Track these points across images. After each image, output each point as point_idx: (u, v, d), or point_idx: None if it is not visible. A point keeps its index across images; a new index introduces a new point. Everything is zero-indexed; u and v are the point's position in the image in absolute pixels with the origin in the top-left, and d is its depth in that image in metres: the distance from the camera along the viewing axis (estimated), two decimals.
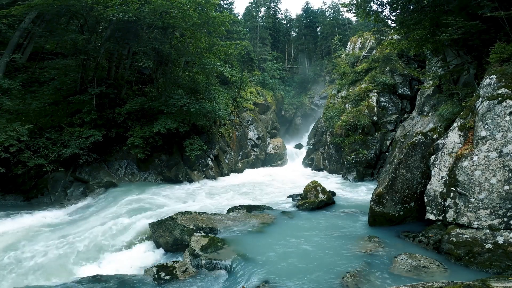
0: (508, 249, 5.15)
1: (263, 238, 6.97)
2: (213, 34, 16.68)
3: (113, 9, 12.96)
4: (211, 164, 16.87)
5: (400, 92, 18.20)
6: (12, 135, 10.17)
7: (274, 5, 48.43)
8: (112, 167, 14.04)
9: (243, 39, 29.84)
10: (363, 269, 5.25)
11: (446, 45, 10.01)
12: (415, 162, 7.58)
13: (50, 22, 13.21)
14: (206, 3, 14.96)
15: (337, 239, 6.83)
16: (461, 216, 5.96)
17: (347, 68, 22.40)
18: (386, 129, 17.16)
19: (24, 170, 11.02)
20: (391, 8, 11.47)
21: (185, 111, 14.33)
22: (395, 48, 14.51)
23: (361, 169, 16.31)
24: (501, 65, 6.81)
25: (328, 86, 33.15)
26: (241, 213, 8.85)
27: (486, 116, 6.16)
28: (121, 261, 6.72)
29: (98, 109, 13.57)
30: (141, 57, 16.09)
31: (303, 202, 9.94)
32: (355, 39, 26.75)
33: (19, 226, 8.67)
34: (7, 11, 11.40)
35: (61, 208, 10.81)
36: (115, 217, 8.95)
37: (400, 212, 7.40)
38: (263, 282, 4.93)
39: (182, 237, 7.07)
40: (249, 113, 24.61)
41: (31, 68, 14.40)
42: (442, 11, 9.14)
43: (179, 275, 5.60)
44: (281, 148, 24.88)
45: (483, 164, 5.88)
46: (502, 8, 7.41)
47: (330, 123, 19.43)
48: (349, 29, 41.11)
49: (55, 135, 12.25)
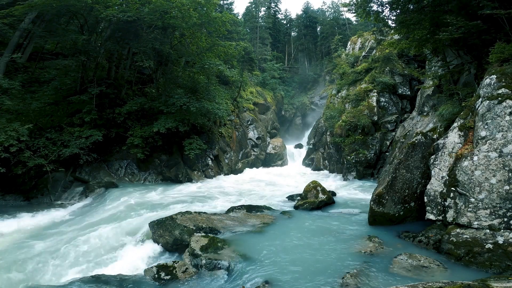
0: (508, 249, 5.15)
1: (263, 238, 6.96)
2: (213, 34, 16.69)
3: (113, 9, 12.96)
4: (211, 164, 16.87)
5: (400, 92, 18.20)
6: (12, 135, 10.16)
7: (274, 5, 48.47)
8: (112, 167, 14.04)
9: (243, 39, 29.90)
10: (363, 269, 5.24)
11: (446, 45, 10.01)
12: (415, 162, 7.57)
13: (50, 22, 13.21)
14: (206, 3, 14.97)
15: (337, 239, 6.82)
16: (461, 216, 5.96)
17: (347, 68, 22.39)
18: (386, 129, 17.16)
19: (24, 170, 11.01)
20: (391, 8, 11.47)
21: (185, 111, 14.33)
22: (395, 48, 14.51)
23: (361, 169, 16.30)
24: (501, 65, 6.80)
25: (328, 86, 33.13)
26: (241, 213, 8.84)
27: (486, 116, 6.15)
28: (121, 261, 6.71)
29: (98, 109, 13.57)
30: (141, 57, 16.10)
31: (303, 202, 9.94)
32: (355, 39, 26.74)
33: (19, 226, 8.67)
34: (7, 11, 11.40)
35: (61, 208, 10.81)
36: (115, 217, 8.95)
37: (400, 212, 7.39)
38: (263, 282, 4.93)
39: (182, 237, 7.07)
40: (249, 113, 24.62)
41: (31, 68, 14.40)
42: (442, 11, 9.13)
43: (179, 275, 5.59)
44: (281, 148, 24.88)
45: (483, 164, 5.87)
46: (502, 8, 7.40)
47: (330, 123, 19.43)
48: (349, 29, 41.11)
49: (55, 135, 12.25)
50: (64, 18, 14.42)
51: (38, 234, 8.05)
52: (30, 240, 7.57)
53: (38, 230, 8.35)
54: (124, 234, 7.70)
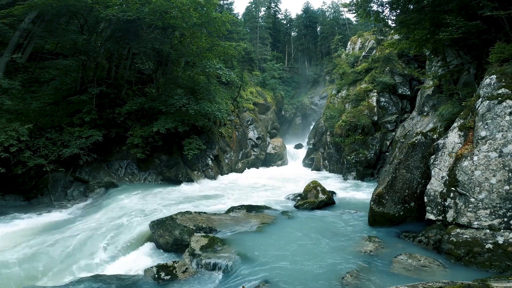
0: (508, 249, 5.15)
1: (263, 238, 6.97)
2: (213, 34, 16.68)
3: (113, 9, 12.94)
4: (211, 164, 16.87)
5: (400, 92, 18.20)
6: (12, 135, 10.15)
7: (274, 5, 48.44)
8: (112, 167, 14.03)
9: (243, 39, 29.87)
10: (363, 269, 5.25)
11: (446, 45, 10.02)
12: (415, 162, 7.57)
13: (50, 22, 13.20)
14: (206, 3, 14.95)
15: (337, 239, 6.82)
16: (461, 216, 5.96)
17: (347, 68, 22.39)
18: (386, 129, 17.16)
19: (24, 170, 11.01)
20: (391, 8, 11.48)
21: (184, 112, 14.35)
22: (395, 48, 14.51)
23: (361, 169, 16.30)
24: (501, 65, 6.81)
25: (328, 86, 33.15)
26: (241, 213, 8.84)
27: (486, 116, 6.15)
28: (121, 261, 6.72)
29: (98, 109, 13.56)
30: (141, 57, 16.09)
31: (303, 202, 9.94)
32: (355, 39, 26.74)
33: (19, 226, 8.67)
34: (7, 11, 11.40)
35: (61, 208, 10.81)
36: (115, 217, 8.95)
37: (400, 212, 7.40)
38: (263, 282, 4.93)
39: (182, 237, 7.07)
40: (249, 113, 24.61)
41: (31, 68, 14.40)
42: (442, 11, 9.14)
43: (179, 275, 5.60)
44: (281, 148, 24.88)
45: (483, 164, 5.87)
46: (502, 8, 7.40)
47: (330, 123, 19.43)
48: (349, 29, 41.11)
49: (55, 135, 12.25)
50: (64, 18, 14.41)
51: (38, 234, 8.04)
52: (30, 240, 7.56)
53: (38, 230, 8.34)
54: (124, 234, 7.69)
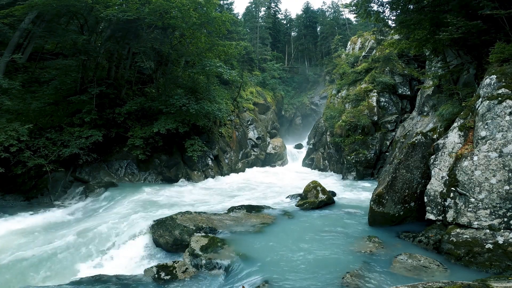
0: (508, 249, 5.15)
1: (263, 238, 6.97)
2: (213, 34, 16.69)
3: (113, 9, 12.95)
4: (211, 164, 16.87)
5: (400, 92, 18.20)
6: (12, 135, 10.16)
7: (274, 5, 48.47)
8: (112, 167, 14.03)
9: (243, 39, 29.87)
10: (363, 269, 5.24)
11: (446, 45, 10.01)
12: (415, 162, 7.57)
13: (50, 22, 13.20)
14: (206, 3, 14.97)
15: (337, 239, 6.82)
16: (461, 216, 5.96)
17: (347, 68, 22.39)
18: (386, 129, 17.16)
19: (24, 170, 11.00)
20: (391, 8, 11.48)
21: (185, 112, 14.35)
22: (395, 48, 14.50)
23: (361, 169, 16.31)
24: (501, 65, 6.80)
25: (328, 86, 33.13)
26: (241, 213, 8.84)
27: (486, 116, 6.15)
28: (121, 261, 6.72)
29: (98, 109, 13.56)
30: (141, 57, 16.10)
31: (303, 202, 9.94)
32: (355, 39, 26.72)
33: (19, 226, 8.66)
34: (7, 11, 11.39)
35: (61, 208, 10.81)
36: (115, 217, 8.94)
37: (400, 212, 7.39)
38: (263, 282, 4.93)
39: (182, 237, 7.07)
40: (249, 113, 24.62)
41: (31, 68, 14.40)
42: (442, 11, 9.14)
43: (179, 275, 5.60)
44: (281, 148, 24.88)
45: (483, 164, 5.87)
46: (502, 8, 7.40)
47: (330, 123, 19.43)
48: (349, 29, 41.11)
49: (55, 135, 12.24)
50: (64, 18, 14.41)
51: (37, 234, 8.04)
52: (29, 240, 7.57)
53: (37, 230, 8.34)
54: (124, 234, 7.68)
